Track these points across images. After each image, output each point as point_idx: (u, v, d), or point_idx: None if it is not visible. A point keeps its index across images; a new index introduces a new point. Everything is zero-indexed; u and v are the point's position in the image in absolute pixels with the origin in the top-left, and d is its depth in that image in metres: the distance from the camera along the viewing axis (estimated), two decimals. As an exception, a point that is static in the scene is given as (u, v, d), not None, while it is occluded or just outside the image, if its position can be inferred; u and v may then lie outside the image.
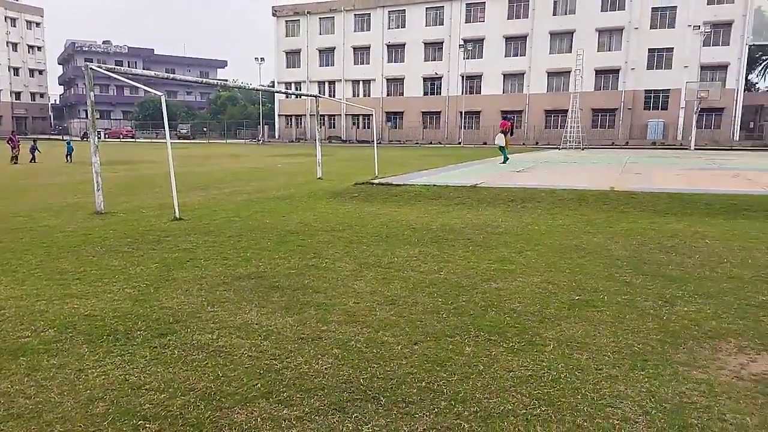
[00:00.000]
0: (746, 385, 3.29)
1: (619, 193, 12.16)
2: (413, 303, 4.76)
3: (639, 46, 49.14)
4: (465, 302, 4.79)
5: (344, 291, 5.13)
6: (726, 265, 6.09)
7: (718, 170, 19.48)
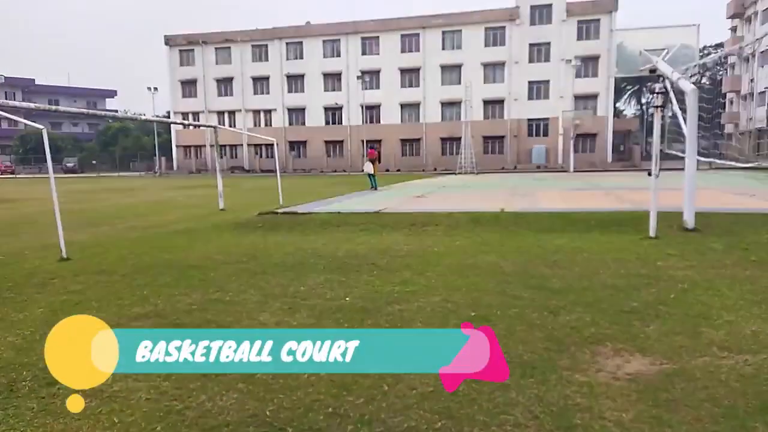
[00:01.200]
0: (622, 384, 3.68)
1: (508, 214, 13.02)
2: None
3: (520, 78, 53.10)
4: (370, 325, 4.92)
5: (249, 323, 5.07)
6: (602, 275, 6.74)
7: (593, 190, 21.42)
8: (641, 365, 3.96)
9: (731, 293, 5.78)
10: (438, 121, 55.75)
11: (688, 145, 10.53)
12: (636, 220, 11.10)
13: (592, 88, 51.37)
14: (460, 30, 54.45)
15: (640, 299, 5.62)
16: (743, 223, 10.94)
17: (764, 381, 3.62)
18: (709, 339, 4.43)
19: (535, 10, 52.35)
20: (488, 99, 53.81)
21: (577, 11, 51.24)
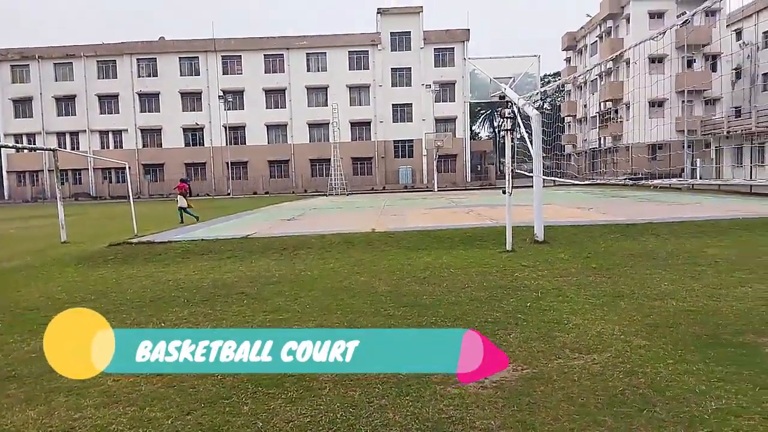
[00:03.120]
0: (489, 392, 3.86)
1: (379, 234, 13.31)
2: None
3: (384, 101, 55.11)
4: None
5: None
6: (468, 289, 7.10)
7: (456, 208, 22.71)
8: (505, 372, 4.20)
9: (578, 298, 6.39)
10: (306, 143, 55.74)
11: (534, 164, 11.59)
12: (495, 235, 11.92)
13: (451, 112, 54.80)
14: (325, 52, 55.25)
15: (502, 309, 6.00)
16: (584, 234, 12.23)
17: (610, 377, 4.02)
18: (562, 342, 4.83)
19: (395, 36, 54.84)
20: (355, 121, 55.02)
21: (434, 39, 54.56)
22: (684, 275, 7.47)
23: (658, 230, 12.28)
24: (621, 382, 3.90)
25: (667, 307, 5.85)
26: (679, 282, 7.06)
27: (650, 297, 6.34)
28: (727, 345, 4.59)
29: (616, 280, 7.36)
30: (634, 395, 3.69)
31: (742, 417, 3.29)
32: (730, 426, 3.20)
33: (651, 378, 3.96)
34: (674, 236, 11.34)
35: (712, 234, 11.47)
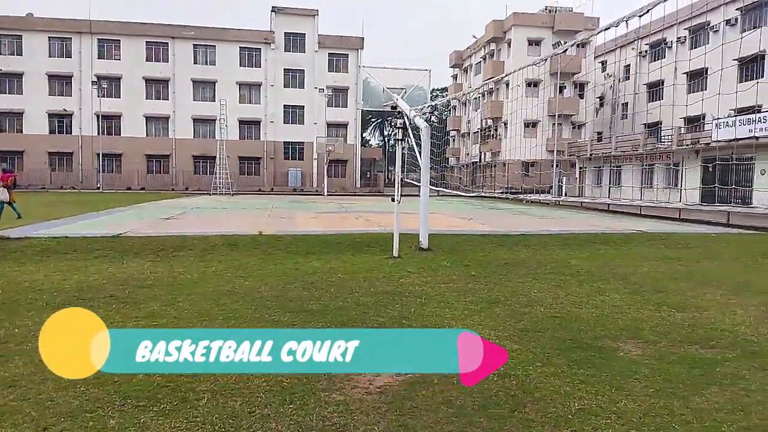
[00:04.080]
0: (374, 398, 3.89)
1: (267, 237, 12.98)
2: (41, 381, 4.02)
3: (276, 101, 54.10)
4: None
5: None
6: (355, 294, 7.14)
7: (346, 213, 22.84)
8: (389, 377, 4.26)
9: (458, 304, 6.68)
10: (190, 138, 53.02)
11: (422, 174, 11.99)
12: (382, 242, 12.13)
13: (343, 118, 55.12)
14: (214, 45, 53.07)
15: (387, 315, 6.10)
16: (465, 242, 12.86)
17: (485, 380, 4.21)
18: (444, 347, 5.01)
19: (289, 36, 54.12)
20: (244, 119, 53.38)
21: (329, 44, 54.62)
22: (551, 284, 8.11)
23: (530, 241, 13.24)
24: (495, 385, 4.12)
25: (536, 313, 6.31)
26: (546, 290, 7.65)
27: (522, 303, 6.79)
28: (588, 349, 5.04)
29: (492, 287, 7.81)
30: (506, 397, 3.92)
31: (601, 417, 3.61)
32: (590, 425, 3.50)
33: (522, 380, 4.23)
34: (543, 247, 12.29)
35: (575, 246, 12.59)
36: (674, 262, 10.57)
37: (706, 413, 3.67)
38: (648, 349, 5.06)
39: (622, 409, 3.72)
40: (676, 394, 3.98)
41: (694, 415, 3.64)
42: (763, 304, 6.95)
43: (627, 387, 4.10)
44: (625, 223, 19.12)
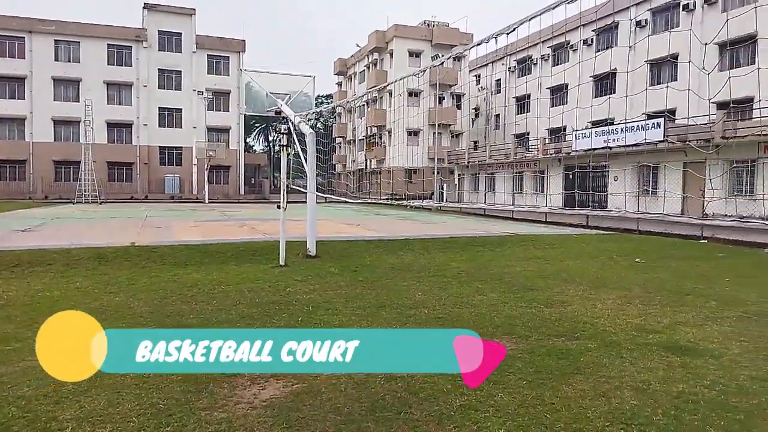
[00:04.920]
0: (259, 412, 3.76)
1: (140, 249, 12.12)
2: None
3: (150, 103, 50.86)
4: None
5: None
6: (239, 306, 6.88)
7: (229, 221, 22.01)
8: (275, 390, 4.15)
9: (346, 310, 6.70)
10: (50, 141, 48.12)
11: (308, 181, 11.90)
12: (268, 250, 11.85)
13: (225, 122, 53.15)
14: (78, 42, 48.72)
15: (274, 325, 5.95)
16: (352, 248, 12.95)
17: (373, 384, 4.26)
18: (331, 355, 4.98)
19: (163, 35, 51.20)
20: (113, 121, 49.53)
21: (208, 45, 52.45)
22: (434, 286, 8.41)
23: (414, 246, 13.65)
24: (382, 388, 4.18)
25: (421, 315, 6.50)
26: (430, 292, 7.92)
27: (407, 306, 6.97)
28: (468, 347, 5.27)
29: (379, 291, 7.93)
30: (393, 399, 3.98)
31: (480, 411, 3.80)
32: (470, 419, 3.66)
33: (407, 382, 4.32)
34: (427, 251, 12.73)
35: (456, 249, 13.19)
36: (542, 261, 11.45)
37: (572, 401, 4.00)
38: (521, 344, 5.42)
39: (500, 402, 3.94)
40: (546, 385, 4.29)
41: (563, 403, 3.95)
42: (619, 297, 7.74)
43: (503, 381, 4.35)
44: (500, 227, 20.40)
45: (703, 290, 8.32)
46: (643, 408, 3.86)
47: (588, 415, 3.74)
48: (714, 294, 8.02)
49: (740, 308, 7.07)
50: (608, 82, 34.82)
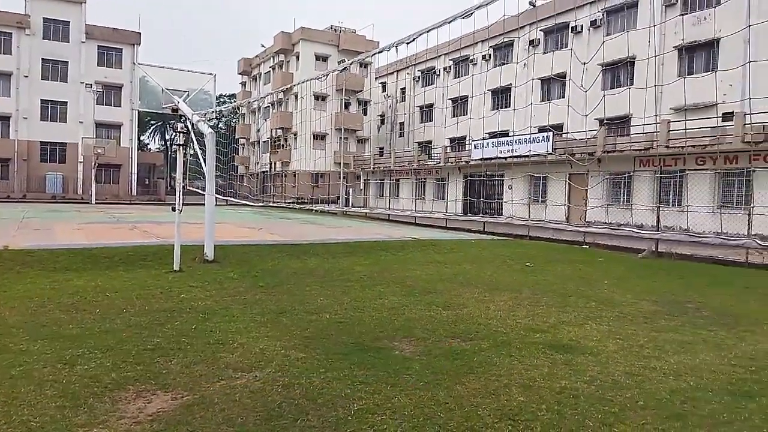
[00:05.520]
0: (144, 427, 3.52)
1: (14, 253, 11.02)
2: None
3: (31, 95, 46.54)
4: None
5: None
6: (126, 314, 6.44)
7: (118, 224, 20.60)
8: (163, 402, 3.92)
9: (244, 317, 6.49)
10: None
11: (207, 182, 11.43)
12: (161, 254, 11.22)
13: (116, 118, 49.80)
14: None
15: (164, 335, 5.63)
16: (253, 253, 12.60)
17: (269, 392, 4.16)
18: (226, 363, 4.80)
19: (49, 23, 47.12)
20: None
21: (98, 35, 48.97)
22: (337, 291, 8.39)
23: (318, 250, 13.56)
24: (279, 396, 4.08)
25: (322, 320, 6.45)
26: (332, 297, 7.89)
27: (309, 312, 6.89)
28: (368, 350, 5.31)
29: (280, 297, 7.77)
30: (290, 407, 3.90)
31: (377, 414, 3.82)
32: (368, 423, 3.68)
33: (306, 388, 4.26)
34: (331, 256, 12.69)
35: (360, 254, 13.27)
36: (442, 265, 11.82)
37: (465, 399, 4.14)
38: (419, 346, 5.54)
39: (396, 404, 3.99)
40: (441, 385, 4.42)
41: (456, 402, 4.08)
42: (511, 299, 8.15)
43: (401, 383, 4.42)
44: (403, 232, 20.81)
45: (584, 292, 8.99)
46: (529, 404, 4.08)
47: (479, 413, 3.89)
48: (594, 295, 8.69)
49: (617, 309, 7.71)
50: (504, 96, 36.80)
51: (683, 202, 20.11)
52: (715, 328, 6.69)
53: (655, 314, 7.41)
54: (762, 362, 5.30)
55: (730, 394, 4.40)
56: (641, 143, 21.56)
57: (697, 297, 8.84)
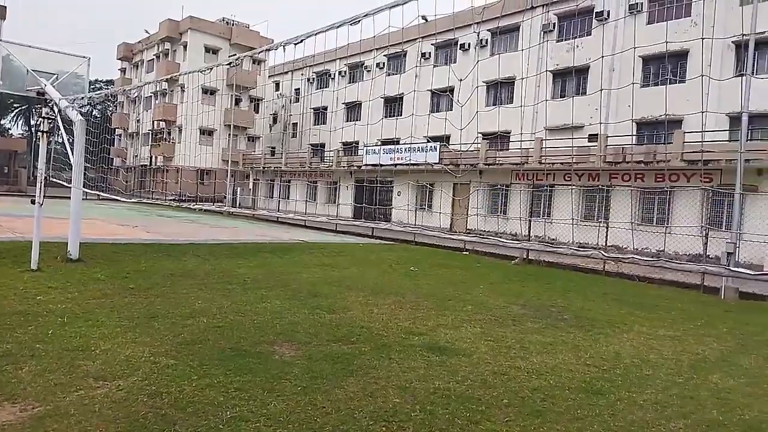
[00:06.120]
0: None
1: None
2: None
3: None
4: None
5: None
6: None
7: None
8: (10, 415, 3.53)
9: (110, 322, 6.01)
10: None
11: (74, 174, 10.48)
12: (17, 252, 10.11)
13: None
14: None
15: (16, 340, 5.07)
16: (125, 252, 11.74)
17: (134, 402, 3.88)
18: (86, 371, 4.41)
19: None
20: None
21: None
22: (217, 294, 8.07)
23: (199, 251, 12.95)
24: (144, 406, 3.83)
25: (198, 325, 6.16)
26: (211, 300, 7.57)
27: (184, 316, 6.54)
28: (246, 356, 5.15)
29: (153, 300, 7.30)
30: (156, 417, 3.67)
31: (251, 421, 3.71)
32: (240, 431, 3.56)
33: (175, 397, 4.03)
34: (213, 257, 12.18)
35: (245, 255, 12.87)
36: (329, 268, 11.81)
37: (342, 402, 4.16)
38: (301, 350, 5.48)
39: (272, 410, 3.91)
40: (320, 389, 4.40)
41: (333, 406, 4.08)
42: (394, 303, 8.34)
43: (278, 388, 4.33)
44: (291, 234, 20.53)
45: (462, 296, 9.43)
46: (404, 405, 4.19)
47: (355, 416, 3.92)
48: (471, 299, 9.15)
49: (490, 312, 8.18)
50: (397, 104, 37.72)
51: (552, 214, 21.86)
52: (574, 330, 7.33)
53: (523, 317, 7.96)
54: (612, 362, 5.89)
55: (584, 392, 4.83)
56: (518, 158, 23.13)
57: (560, 301, 9.63)
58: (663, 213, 19.11)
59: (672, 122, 22.32)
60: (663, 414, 4.42)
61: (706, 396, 4.95)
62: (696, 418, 4.37)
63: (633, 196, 19.47)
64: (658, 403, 4.66)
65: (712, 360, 6.28)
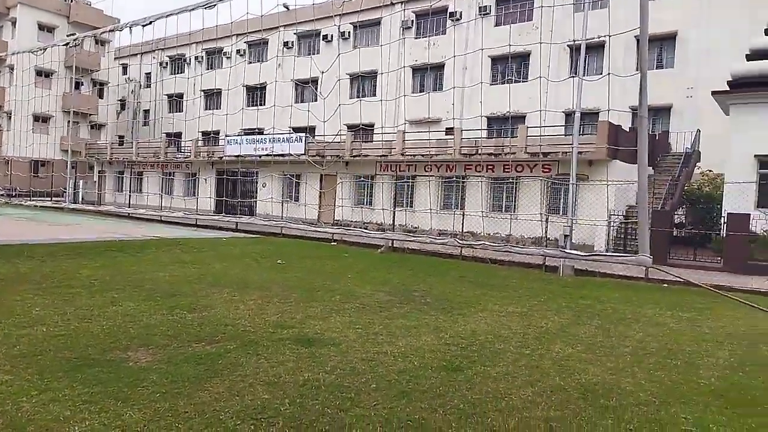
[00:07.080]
0: None
1: None
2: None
3: None
4: None
5: None
6: None
7: None
8: None
9: None
10: None
11: None
12: None
13: None
14: None
15: None
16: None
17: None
18: None
19: None
20: None
21: None
22: (58, 299, 7.26)
23: (35, 252, 11.58)
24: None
25: (37, 335, 5.51)
26: (52, 306, 6.80)
27: (19, 325, 5.81)
28: (95, 365, 4.70)
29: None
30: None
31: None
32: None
33: (11, 416, 3.58)
34: (51, 258, 10.94)
35: (90, 255, 11.73)
36: (189, 265, 11.19)
37: (206, 405, 3.97)
38: (158, 354, 5.13)
39: (128, 420, 3.62)
40: (182, 393, 4.16)
41: (196, 409, 3.88)
42: (260, 297, 8.14)
43: (134, 397, 4.02)
44: (145, 230, 19.10)
45: (330, 286, 9.50)
46: (273, 401, 4.12)
47: (221, 417, 3.78)
48: (339, 289, 9.25)
49: (358, 300, 8.33)
50: (260, 93, 36.69)
51: (414, 204, 22.82)
52: (435, 312, 7.74)
53: (389, 303, 8.23)
54: (469, 340, 6.32)
55: (445, 370, 5.13)
56: (382, 150, 23.76)
57: (422, 286, 10.11)
58: (510, 201, 20.86)
59: (517, 118, 24.44)
60: (513, 384, 4.85)
61: (549, 365, 5.51)
62: (541, 385, 4.85)
63: (485, 185, 20.99)
64: (509, 374, 5.10)
65: (553, 332, 7.00)
